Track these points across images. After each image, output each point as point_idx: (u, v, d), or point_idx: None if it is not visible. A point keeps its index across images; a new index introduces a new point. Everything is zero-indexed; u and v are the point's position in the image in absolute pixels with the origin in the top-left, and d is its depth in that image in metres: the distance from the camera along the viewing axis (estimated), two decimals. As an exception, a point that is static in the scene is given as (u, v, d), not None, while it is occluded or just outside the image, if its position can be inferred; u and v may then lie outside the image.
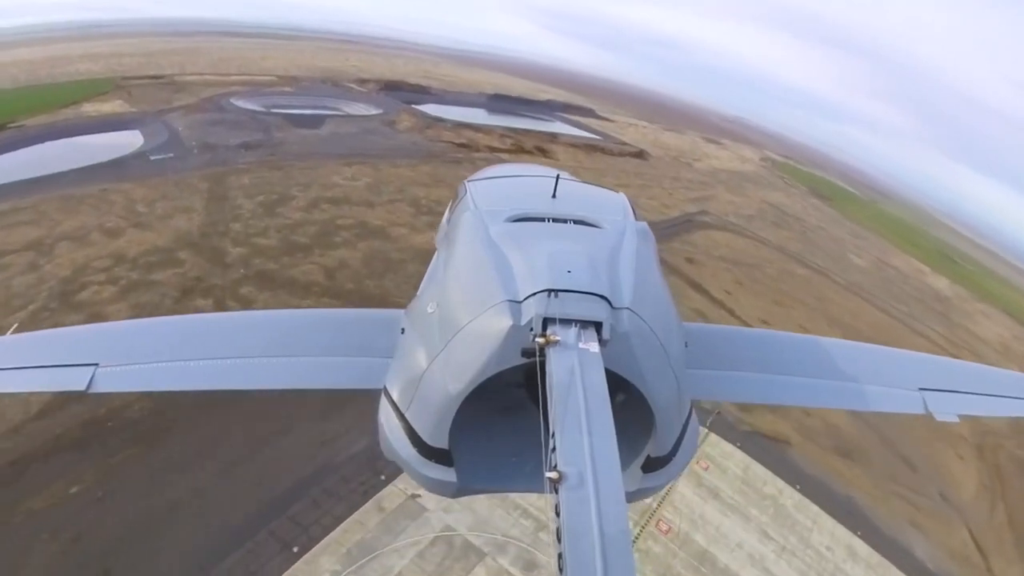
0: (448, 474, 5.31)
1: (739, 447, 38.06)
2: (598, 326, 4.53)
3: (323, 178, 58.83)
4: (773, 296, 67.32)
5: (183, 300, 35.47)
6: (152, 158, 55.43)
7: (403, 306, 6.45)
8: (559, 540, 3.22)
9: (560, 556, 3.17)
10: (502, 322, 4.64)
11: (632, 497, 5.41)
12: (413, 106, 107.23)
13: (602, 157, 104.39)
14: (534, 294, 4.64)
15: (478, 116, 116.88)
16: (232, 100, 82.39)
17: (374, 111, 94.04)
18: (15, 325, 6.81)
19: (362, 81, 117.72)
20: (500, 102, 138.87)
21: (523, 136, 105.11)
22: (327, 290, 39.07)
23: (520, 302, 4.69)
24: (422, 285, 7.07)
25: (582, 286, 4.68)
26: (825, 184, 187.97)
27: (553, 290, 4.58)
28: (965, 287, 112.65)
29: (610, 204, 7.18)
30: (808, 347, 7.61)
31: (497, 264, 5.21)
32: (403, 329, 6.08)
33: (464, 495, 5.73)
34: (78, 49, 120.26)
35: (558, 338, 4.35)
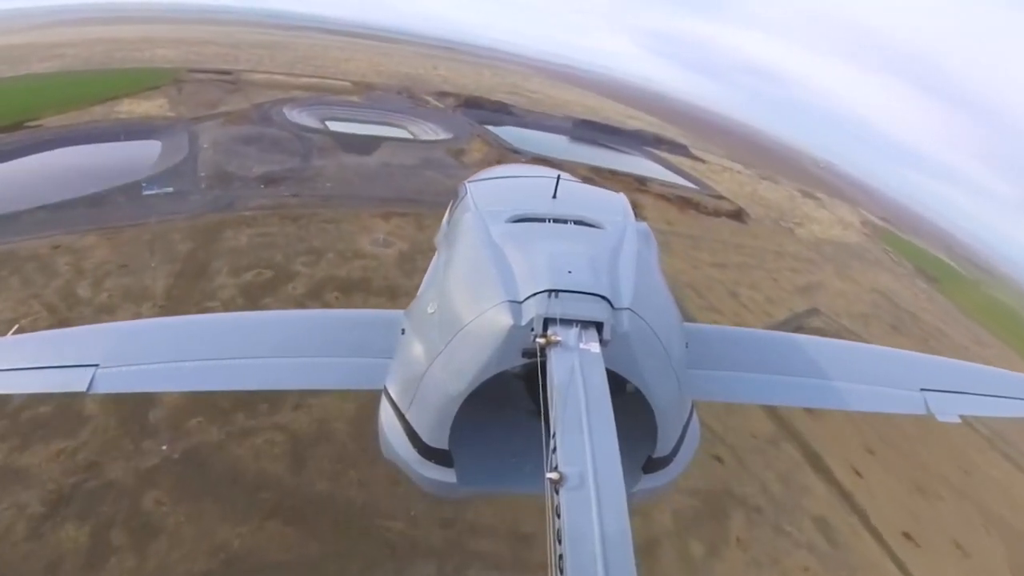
0: (447, 474, 4.95)
1: None
2: (599, 326, 4.27)
3: (346, 239, 42.24)
4: (912, 472, 44.06)
5: (39, 538, 18.02)
6: (144, 193, 40.60)
7: None
8: (560, 541, 3.01)
9: (561, 557, 2.96)
10: (503, 322, 4.36)
11: (633, 498, 4.63)
12: (490, 128, 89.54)
13: (696, 217, 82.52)
14: (535, 294, 4.37)
15: (559, 145, 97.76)
16: (284, 110, 67.47)
17: (443, 135, 76.84)
18: (16, 326, 5.80)
19: (442, 94, 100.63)
20: (585, 130, 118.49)
21: (607, 179, 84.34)
22: (283, 504, 20.66)
23: (521, 302, 4.41)
24: (422, 286, 6.65)
25: (583, 286, 4.41)
26: (928, 259, 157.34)
27: (554, 290, 4.30)
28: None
29: (610, 205, 6.74)
30: (809, 347, 6.89)
31: (498, 264, 4.89)
32: (403, 330, 5.65)
33: (463, 496, 5.33)
34: (172, 32, 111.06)
35: (559, 338, 4.07)
